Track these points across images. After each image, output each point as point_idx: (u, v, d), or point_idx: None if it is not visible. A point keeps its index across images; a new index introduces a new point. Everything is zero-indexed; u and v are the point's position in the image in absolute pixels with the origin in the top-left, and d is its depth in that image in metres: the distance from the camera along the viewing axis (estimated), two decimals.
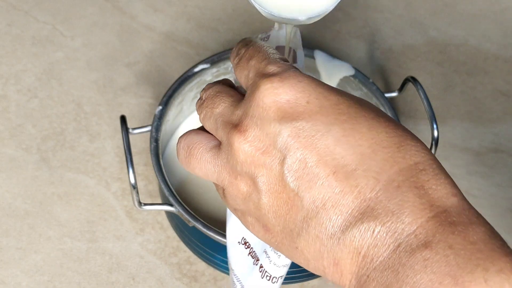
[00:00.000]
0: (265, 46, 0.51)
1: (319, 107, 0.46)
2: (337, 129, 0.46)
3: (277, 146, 0.46)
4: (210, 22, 0.93)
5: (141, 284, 0.76)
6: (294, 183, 0.46)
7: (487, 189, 0.83)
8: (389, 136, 0.46)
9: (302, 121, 0.46)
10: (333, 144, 0.46)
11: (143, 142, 0.83)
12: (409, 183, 0.45)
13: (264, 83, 0.47)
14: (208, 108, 0.51)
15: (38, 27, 0.91)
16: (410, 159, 0.46)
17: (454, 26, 0.94)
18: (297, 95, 0.46)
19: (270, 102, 0.47)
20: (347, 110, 0.46)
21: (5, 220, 0.79)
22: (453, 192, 0.46)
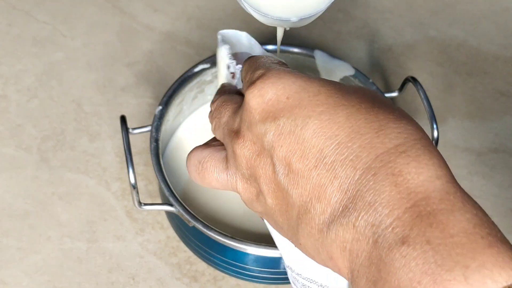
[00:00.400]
0: (263, 57, 0.52)
1: (298, 101, 0.46)
2: (314, 121, 0.45)
3: (266, 147, 0.47)
4: (210, 22, 0.93)
5: (141, 284, 0.76)
6: (284, 181, 0.46)
7: (488, 190, 0.83)
8: (368, 122, 0.44)
9: (283, 118, 0.46)
10: (311, 137, 0.45)
11: (143, 142, 0.83)
12: (386, 169, 0.43)
13: (250, 88, 0.48)
14: (216, 119, 0.52)
15: (38, 27, 0.91)
16: (390, 142, 0.44)
17: (454, 26, 0.94)
18: (278, 93, 0.47)
19: (255, 105, 0.47)
20: (326, 100, 0.46)
21: (5, 220, 0.79)
22: (437, 175, 0.43)
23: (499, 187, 0.83)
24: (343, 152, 0.44)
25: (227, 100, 0.52)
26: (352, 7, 0.95)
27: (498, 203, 0.82)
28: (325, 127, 0.45)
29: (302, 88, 0.47)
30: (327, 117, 0.45)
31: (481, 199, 0.82)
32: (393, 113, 0.45)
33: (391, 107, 0.46)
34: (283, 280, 0.75)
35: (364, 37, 0.93)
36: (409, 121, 0.45)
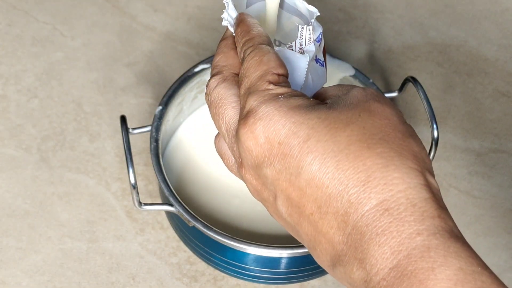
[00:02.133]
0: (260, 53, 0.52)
1: (289, 149, 0.48)
2: (305, 172, 0.47)
3: (268, 186, 0.50)
4: (210, 22, 0.93)
5: (141, 284, 0.76)
6: (289, 219, 0.49)
7: (488, 190, 0.83)
8: (355, 173, 0.46)
9: (278, 165, 0.48)
10: (305, 186, 0.47)
11: (143, 142, 0.83)
12: (371, 228, 0.45)
13: (243, 126, 0.49)
14: (214, 119, 0.54)
15: (38, 27, 0.91)
16: (376, 197, 0.45)
17: (454, 26, 0.94)
18: (270, 137, 0.48)
19: (250, 146, 0.49)
20: (315, 147, 0.47)
21: (5, 220, 0.79)
22: (418, 230, 0.44)
23: (499, 187, 0.83)
24: (334, 205, 0.46)
25: (222, 98, 0.53)
26: (352, 7, 0.95)
27: (498, 203, 0.82)
28: (315, 178, 0.47)
29: (292, 133, 0.48)
30: (317, 167, 0.47)
31: (480, 199, 0.82)
32: (382, 156, 0.46)
33: (381, 144, 0.47)
34: (283, 280, 0.75)
35: (364, 37, 0.93)
36: (397, 166, 0.46)
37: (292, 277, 0.75)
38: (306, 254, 0.71)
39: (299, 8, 0.58)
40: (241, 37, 0.54)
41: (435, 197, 0.46)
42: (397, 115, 0.49)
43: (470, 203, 0.82)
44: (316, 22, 0.55)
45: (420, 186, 0.46)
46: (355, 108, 0.49)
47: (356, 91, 0.50)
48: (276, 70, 0.51)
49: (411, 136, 0.49)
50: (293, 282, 0.76)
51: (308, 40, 0.54)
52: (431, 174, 0.48)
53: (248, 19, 0.55)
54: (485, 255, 0.79)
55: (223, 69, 0.55)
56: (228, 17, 0.56)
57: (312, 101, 0.50)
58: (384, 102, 0.50)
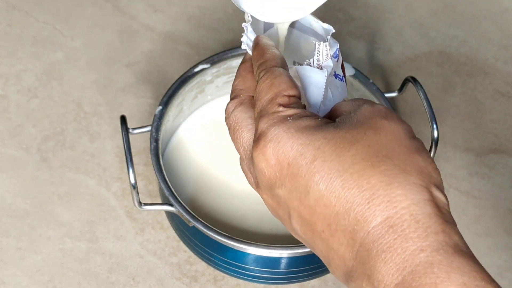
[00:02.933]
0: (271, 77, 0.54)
1: (297, 169, 0.50)
2: (314, 191, 0.49)
3: (282, 205, 0.52)
4: (210, 22, 0.93)
5: (141, 284, 0.76)
6: (304, 236, 0.51)
7: (488, 190, 0.83)
8: (360, 191, 0.47)
9: (289, 184, 0.50)
10: (314, 205, 0.49)
11: (143, 142, 0.83)
12: (377, 245, 0.46)
13: (255, 148, 0.52)
14: (233, 141, 0.56)
15: (38, 27, 0.91)
16: (381, 214, 0.47)
17: (454, 27, 0.94)
18: (280, 158, 0.50)
19: (263, 168, 0.51)
20: (321, 167, 0.49)
21: (5, 220, 0.79)
22: (422, 247, 0.46)
23: (499, 188, 0.83)
24: (342, 223, 0.48)
25: (239, 121, 0.55)
26: (352, 7, 0.95)
27: (498, 204, 0.82)
28: (323, 197, 0.48)
29: (299, 154, 0.50)
30: (324, 186, 0.48)
31: (480, 200, 0.82)
32: (385, 173, 0.48)
33: (385, 162, 0.48)
34: (283, 280, 0.75)
35: (364, 37, 0.93)
36: (400, 183, 0.47)
37: (292, 277, 0.75)
38: (306, 254, 0.71)
39: (314, 27, 0.60)
40: (256, 60, 0.56)
41: (440, 211, 0.47)
42: (404, 130, 0.50)
43: (470, 204, 0.82)
44: (332, 38, 0.57)
45: (424, 201, 0.47)
46: (361, 126, 0.50)
47: (365, 108, 0.51)
48: (286, 92, 0.53)
49: (417, 151, 0.49)
50: (293, 282, 0.76)
51: (325, 56, 0.56)
52: (438, 188, 0.48)
53: (263, 42, 0.57)
54: (485, 255, 0.79)
55: (240, 92, 0.57)
56: (247, 40, 0.58)
57: (320, 121, 0.51)
58: (391, 118, 0.51)
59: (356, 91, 0.82)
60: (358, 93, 0.81)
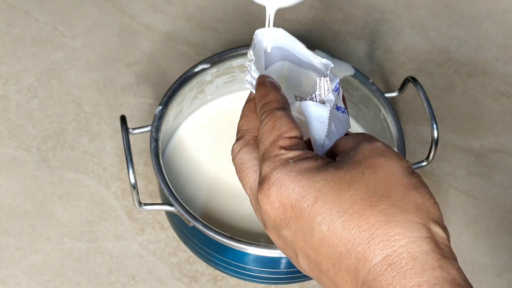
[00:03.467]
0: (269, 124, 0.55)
1: (300, 211, 0.51)
2: (317, 232, 0.51)
3: (289, 245, 0.54)
4: (210, 22, 0.93)
5: (141, 284, 0.76)
6: (311, 274, 0.53)
7: (487, 190, 0.83)
8: (360, 231, 0.49)
9: (293, 226, 0.52)
10: (318, 245, 0.51)
11: (143, 142, 0.83)
12: (377, 283, 0.48)
13: (260, 192, 0.53)
14: (240, 182, 0.57)
15: (38, 27, 0.91)
16: (380, 252, 0.48)
17: (454, 27, 0.94)
18: (283, 201, 0.52)
19: (268, 211, 0.53)
20: (322, 208, 0.50)
21: (5, 220, 0.79)
22: (419, 283, 0.47)
23: (499, 188, 0.83)
24: (345, 262, 0.50)
25: (244, 163, 0.57)
26: (352, 7, 0.95)
27: (497, 204, 0.82)
28: (326, 238, 0.50)
29: (301, 197, 0.51)
30: (326, 228, 0.50)
31: (480, 200, 0.82)
32: (384, 213, 0.49)
33: (383, 201, 0.50)
34: (283, 280, 0.75)
35: (364, 37, 0.93)
36: (398, 222, 0.49)
37: (292, 277, 0.75)
38: None
39: (313, 63, 0.62)
40: (259, 101, 0.58)
41: (439, 247, 0.49)
42: (401, 167, 0.52)
43: (470, 204, 0.82)
44: (332, 73, 0.59)
45: (421, 239, 0.49)
46: (359, 166, 0.51)
47: (363, 147, 0.53)
48: (288, 134, 0.54)
49: (415, 187, 0.51)
50: (293, 282, 0.76)
51: (327, 91, 0.57)
52: (437, 223, 0.50)
53: (267, 82, 0.58)
54: (484, 255, 0.79)
55: (245, 133, 0.58)
56: (251, 79, 0.60)
57: (321, 162, 0.53)
58: (389, 156, 0.52)
59: (356, 91, 0.82)
60: (358, 93, 0.81)
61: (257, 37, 0.61)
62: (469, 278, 0.78)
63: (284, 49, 0.62)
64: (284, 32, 0.62)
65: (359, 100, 0.82)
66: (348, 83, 0.82)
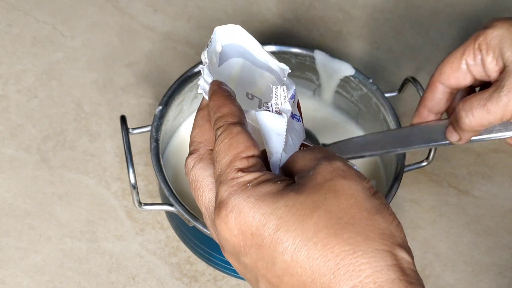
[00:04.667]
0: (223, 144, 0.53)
1: (261, 240, 0.50)
2: (279, 261, 0.49)
3: (249, 271, 0.52)
4: (210, 22, 0.93)
5: (141, 284, 0.76)
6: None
7: (488, 190, 0.83)
8: (325, 261, 0.48)
9: (254, 254, 0.50)
10: (282, 274, 0.50)
11: (143, 142, 0.83)
12: None
13: (217, 217, 0.51)
14: (195, 198, 0.55)
15: (38, 27, 0.91)
16: (346, 283, 0.47)
17: (454, 26, 0.94)
18: (242, 228, 0.50)
19: (226, 236, 0.51)
20: (285, 237, 0.49)
21: (5, 220, 0.79)
22: None
23: (499, 187, 0.83)
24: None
25: (199, 180, 0.55)
26: (352, 7, 0.95)
27: (498, 203, 0.82)
28: (289, 267, 0.49)
29: (262, 225, 0.50)
30: (289, 257, 0.49)
31: (480, 199, 0.82)
32: (348, 242, 0.48)
33: (347, 229, 0.49)
34: None
35: (364, 37, 0.93)
36: (364, 252, 0.48)
37: None
38: None
39: (270, 65, 0.60)
40: (213, 113, 0.55)
41: (405, 273, 0.48)
42: (363, 189, 0.51)
43: (470, 203, 0.82)
44: (289, 79, 0.57)
45: (387, 267, 0.48)
46: (320, 190, 0.50)
47: (323, 168, 0.51)
48: (245, 153, 0.52)
49: (378, 211, 0.50)
50: None
51: (283, 100, 0.55)
52: (401, 247, 0.49)
53: (220, 91, 0.55)
54: (485, 254, 0.79)
55: (199, 146, 0.56)
56: (203, 83, 0.57)
57: (280, 185, 0.51)
58: (351, 177, 0.51)
59: (356, 91, 0.82)
60: (358, 93, 0.81)
61: (215, 34, 0.59)
62: (470, 277, 0.78)
63: (241, 46, 0.60)
64: (242, 30, 0.59)
65: (359, 100, 0.82)
66: (348, 83, 0.82)
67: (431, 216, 0.81)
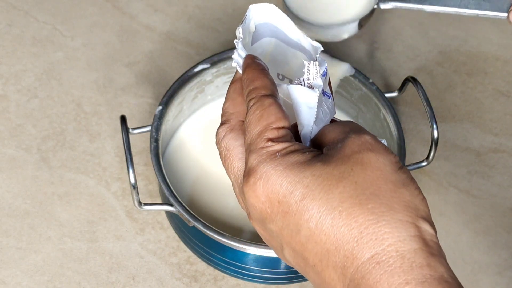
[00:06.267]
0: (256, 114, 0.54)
1: (287, 207, 0.51)
2: (304, 229, 0.50)
3: (274, 238, 0.53)
4: (210, 22, 0.93)
5: (141, 284, 0.76)
6: (297, 267, 0.53)
7: (487, 189, 0.83)
8: (349, 230, 0.49)
9: (279, 221, 0.51)
10: (306, 242, 0.50)
11: (143, 142, 0.83)
12: (365, 281, 0.48)
13: (246, 184, 0.53)
14: (224, 166, 0.57)
15: (38, 27, 0.91)
16: (369, 251, 0.48)
17: (454, 26, 0.94)
18: (269, 196, 0.51)
19: (253, 203, 0.52)
20: (311, 205, 0.50)
21: (5, 220, 0.79)
22: (407, 280, 0.47)
23: (499, 187, 0.83)
24: (333, 259, 0.50)
25: (229, 149, 0.56)
26: None
27: (497, 203, 0.82)
28: (314, 235, 0.50)
29: (289, 192, 0.51)
30: (314, 225, 0.50)
31: (480, 199, 0.82)
32: (373, 212, 0.49)
33: (372, 200, 0.50)
34: (283, 280, 0.75)
35: (364, 37, 0.93)
36: (387, 221, 0.49)
37: (292, 277, 0.75)
38: None
39: (303, 43, 0.60)
40: (246, 86, 0.56)
41: (427, 245, 0.49)
42: (390, 163, 0.51)
43: (470, 202, 0.82)
44: (321, 57, 0.58)
45: (410, 238, 0.49)
46: (348, 162, 0.51)
47: (351, 141, 0.52)
48: (275, 124, 0.53)
49: (404, 185, 0.51)
50: (293, 282, 0.76)
51: (315, 75, 0.56)
52: (425, 220, 0.50)
53: (254, 64, 0.57)
54: (484, 253, 0.79)
55: (231, 117, 0.57)
56: (238, 57, 0.58)
57: (308, 155, 0.52)
58: (378, 150, 0.52)
59: (356, 91, 0.82)
60: (358, 93, 0.81)
61: (249, 12, 0.59)
62: (469, 276, 0.78)
63: (274, 26, 0.60)
64: (276, 8, 0.60)
65: (359, 100, 0.82)
66: (348, 83, 0.82)
67: None
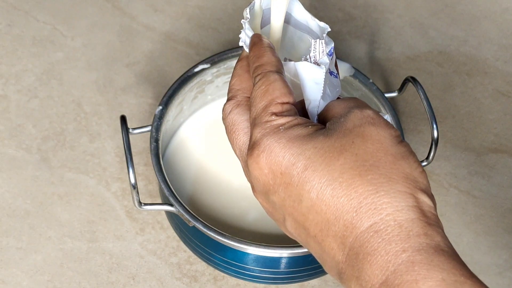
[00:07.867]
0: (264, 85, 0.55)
1: (290, 178, 0.52)
2: (306, 199, 0.52)
3: (277, 210, 0.55)
4: (210, 22, 0.93)
5: (141, 284, 0.76)
6: (298, 238, 0.54)
7: (488, 190, 0.83)
8: (348, 200, 0.50)
9: (282, 193, 0.53)
10: (307, 212, 0.52)
11: (143, 142, 0.83)
12: (364, 249, 0.50)
13: (250, 157, 0.54)
14: (230, 142, 0.58)
15: (38, 27, 0.91)
16: (367, 220, 0.50)
17: (454, 26, 0.94)
18: (272, 168, 0.53)
19: (257, 175, 0.54)
20: (312, 176, 0.51)
21: (5, 220, 0.79)
22: (403, 248, 0.49)
23: (499, 187, 0.83)
24: (333, 229, 0.51)
25: (235, 124, 0.57)
26: (352, 7, 0.95)
27: (498, 203, 0.82)
28: (315, 205, 0.51)
29: (291, 164, 0.52)
30: (315, 195, 0.51)
31: (480, 199, 0.82)
32: (372, 182, 0.50)
33: (372, 171, 0.51)
34: (283, 280, 0.75)
35: (364, 37, 0.93)
36: (386, 192, 0.50)
37: (292, 277, 0.75)
38: (306, 254, 0.71)
39: (310, 25, 0.61)
40: (252, 63, 0.58)
41: (425, 215, 0.50)
42: (390, 136, 0.53)
43: (470, 203, 0.82)
44: (328, 37, 0.59)
45: (408, 208, 0.50)
46: (349, 134, 0.52)
47: (354, 114, 0.53)
48: (280, 99, 0.55)
49: (403, 157, 0.52)
50: (293, 282, 0.76)
51: (321, 53, 0.58)
52: (424, 192, 0.51)
53: (261, 42, 0.58)
54: (485, 254, 0.79)
55: (237, 93, 0.59)
56: (244, 37, 0.59)
57: (311, 129, 0.53)
58: (379, 124, 0.53)
59: (356, 91, 0.82)
60: (358, 93, 0.81)
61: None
62: None
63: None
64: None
65: None
66: (348, 83, 0.82)
67: None
